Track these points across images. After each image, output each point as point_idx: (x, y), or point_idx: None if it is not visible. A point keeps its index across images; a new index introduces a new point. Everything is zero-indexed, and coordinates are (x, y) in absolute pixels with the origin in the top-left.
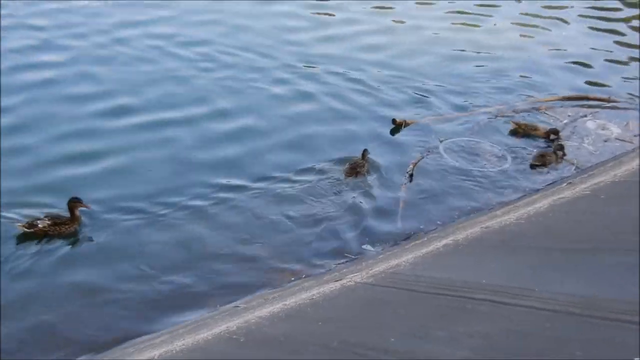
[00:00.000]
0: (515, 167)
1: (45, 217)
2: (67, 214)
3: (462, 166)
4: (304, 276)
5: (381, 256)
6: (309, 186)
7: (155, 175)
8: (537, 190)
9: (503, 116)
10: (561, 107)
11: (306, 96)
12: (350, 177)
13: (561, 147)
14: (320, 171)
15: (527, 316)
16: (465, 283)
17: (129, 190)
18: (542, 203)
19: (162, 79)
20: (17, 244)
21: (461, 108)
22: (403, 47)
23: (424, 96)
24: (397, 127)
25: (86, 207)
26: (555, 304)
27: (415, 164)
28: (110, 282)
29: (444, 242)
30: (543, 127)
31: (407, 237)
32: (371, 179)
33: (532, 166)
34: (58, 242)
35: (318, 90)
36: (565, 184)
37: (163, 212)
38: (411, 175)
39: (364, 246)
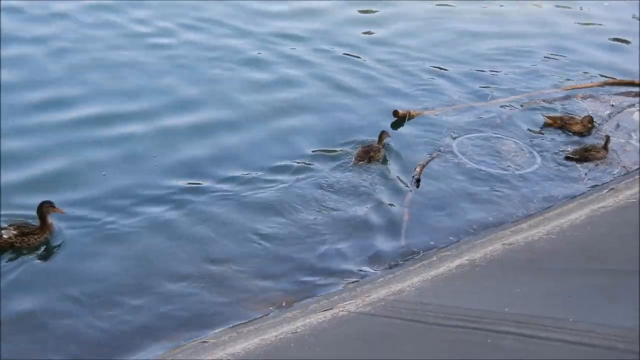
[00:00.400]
0: (546, 170)
1: (10, 225)
2: (35, 222)
3: (480, 168)
4: (284, 304)
5: (381, 280)
6: (292, 187)
7: (117, 177)
8: (573, 198)
9: (531, 106)
10: (602, 94)
11: (292, 80)
12: (361, 163)
13: (607, 139)
14: (305, 169)
15: (561, 352)
16: (485, 313)
17: (81, 195)
18: (579, 214)
19: (111, 65)
20: None
21: (479, 96)
22: (411, 21)
23: (434, 80)
24: (399, 120)
25: (59, 211)
26: (594, 337)
27: (423, 166)
28: (58, 308)
29: (457, 262)
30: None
31: (413, 256)
32: (371, 183)
33: (568, 158)
34: (25, 255)
35: (305, 74)
36: (606, 190)
37: (126, 219)
38: (418, 180)
39: (362, 267)
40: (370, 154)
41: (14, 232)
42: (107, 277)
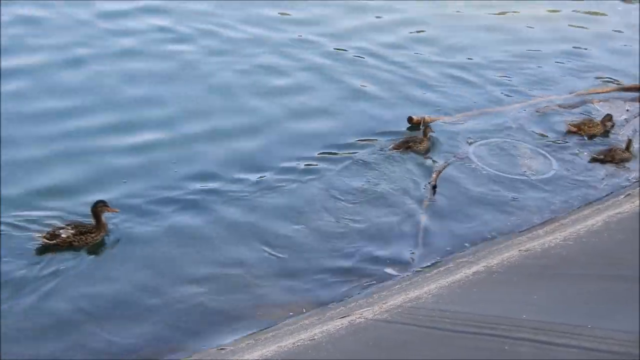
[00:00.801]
0: (562, 175)
1: (68, 225)
2: (91, 221)
3: (496, 174)
4: (304, 310)
5: (397, 286)
6: (308, 188)
7: (137, 182)
8: (589, 204)
9: (547, 111)
10: (617, 99)
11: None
12: (396, 151)
13: (629, 142)
14: (322, 168)
15: (578, 359)
16: (502, 319)
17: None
18: (595, 220)
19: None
20: (38, 257)
21: (495, 101)
22: (430, 25)
23: (450, 84)
24: (414, 126)
25: (114, 211)
26: (612, 343)
27: (439, 172)
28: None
29: (474, 268)
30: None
31: (430, 262)
32: (391, 185)
33: (593, 160)
34: (83, 254)
35: (322, 77)
36: (623, 196)
37: (145, 223)
38: (434, 187)
39: (378, 273)
40: (408, 144)
41: (72, 231)
42: (130, 281)
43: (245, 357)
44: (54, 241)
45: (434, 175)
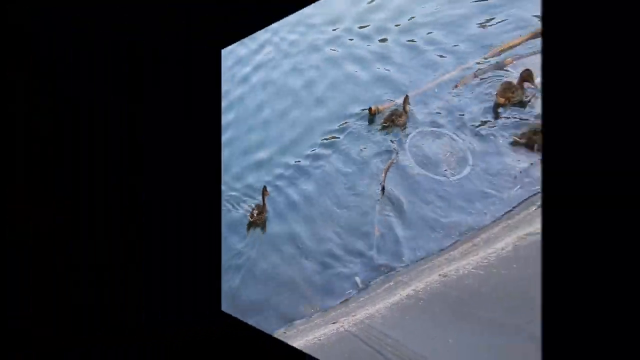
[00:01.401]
0: (478, 172)
1: (257, 206)
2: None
3: (423, 174)
4: (318, 309)
5: (362, 299)
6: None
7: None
8: (499, 219)
9: (467, 82)
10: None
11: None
12: (385, 124)
13: None
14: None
15: None
16: None
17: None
18: (505, 242)
19: None
20: (248, 231)
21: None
22: None
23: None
24: (373, 116)
25: (267, 194)
26: None
27: (386, 171)
28: None
29: (407, 291)
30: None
31: (379, 277)
32: (344, 187)
33: (515, 144)
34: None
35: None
36: (535, 207)
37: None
38: (383, 188)
39: (355, 278)
40: (392, 117)
41: (256, 211)
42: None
43: (294, 344)
44: (253, 219)
45: (382, 175)
